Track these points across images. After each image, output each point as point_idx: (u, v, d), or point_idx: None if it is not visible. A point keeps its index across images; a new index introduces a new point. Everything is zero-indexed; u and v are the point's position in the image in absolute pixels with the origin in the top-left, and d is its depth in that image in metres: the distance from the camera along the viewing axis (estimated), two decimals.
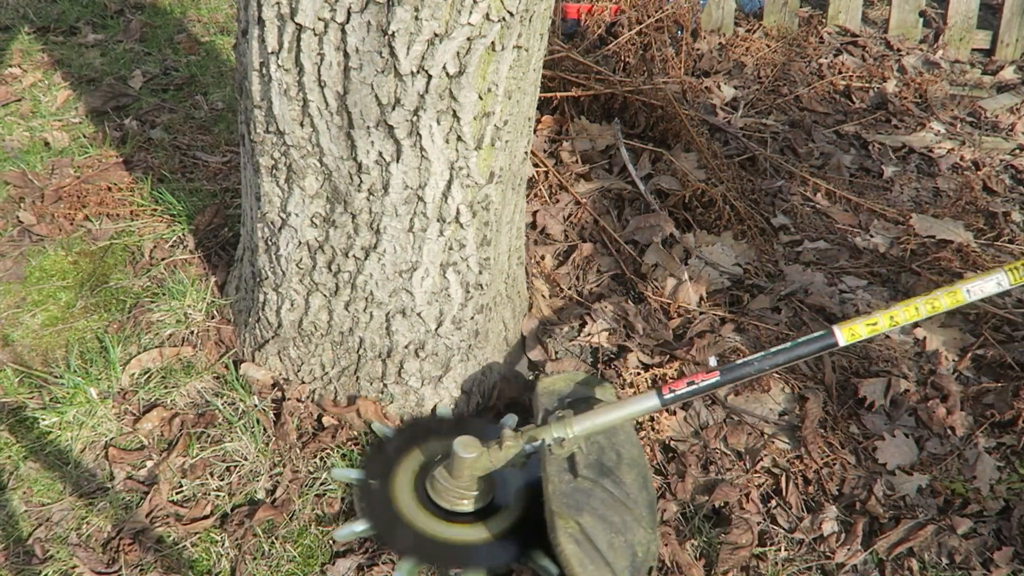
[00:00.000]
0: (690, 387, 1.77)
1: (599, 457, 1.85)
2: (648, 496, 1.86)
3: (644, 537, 1.75)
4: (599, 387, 2.07)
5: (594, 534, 1.69)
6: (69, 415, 2.17)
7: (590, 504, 1.74)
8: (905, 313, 1.69)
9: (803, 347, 1.73)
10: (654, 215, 2.95)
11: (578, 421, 1.81)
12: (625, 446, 1.93)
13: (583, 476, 1.78)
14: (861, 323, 1.70)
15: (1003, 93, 4.23)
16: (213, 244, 2.69)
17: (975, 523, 2.10)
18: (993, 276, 1.64)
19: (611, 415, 1.82)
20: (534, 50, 1.96)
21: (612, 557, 1.68)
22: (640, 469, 1.90)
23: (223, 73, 3.86)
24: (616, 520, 1.74)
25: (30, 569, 1.86)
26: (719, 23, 4.55)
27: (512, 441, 1.81)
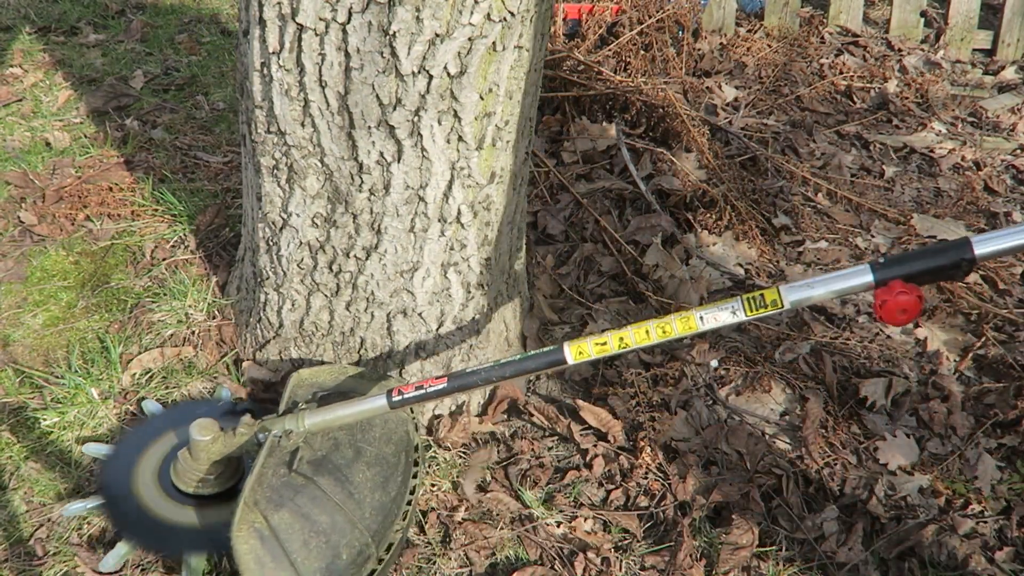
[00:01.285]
0: (418, 391, 1.74)
1: (328, 454, 1.81)
2: (383, 497, 1.81)
3: (357, 540, 1.71)
4: (380, 383, 2.03)
5: (287, 532, 1.65)
6: (70, 415, 2.17)
7: (295, 501, 1.70)
8: (635, 335, 1.61)
9: (531, 361, 1.69)
10: (655, 215, 2.95)
11: (311, 415, 1.79)
12: (375, 443, 1.89)
13: (299, 472, 1.75)
14: (590, 342, 1.64)
15: (1004, 93, 4.23)
16: (214, 244, 2.69)
17: (976, 523, 2.10)
18: (728, 304, 1.57)
19: (342, 411, 1.80)
20: (535, 50, 1.96)
21: (303, 557, 1.64)
22: (383, 469, 1.85)
23: (224, 73, 3.87)
24: (323, 519, 1.70)
25: (31, 569, 1.86)
26: (720, 23, 4.55)
27: (246, 428, 1.81)
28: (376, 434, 1.92)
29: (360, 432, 1.90)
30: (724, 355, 2.47)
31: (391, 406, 1.75)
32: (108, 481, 1.93)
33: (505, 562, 1.97)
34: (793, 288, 1.53)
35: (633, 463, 2.20)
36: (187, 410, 2.11)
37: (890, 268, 1.47)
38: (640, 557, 1.99)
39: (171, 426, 2.04)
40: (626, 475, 2.18)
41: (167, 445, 2.00)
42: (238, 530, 1.64)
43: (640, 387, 2.35)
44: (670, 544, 2.01)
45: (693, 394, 2.37)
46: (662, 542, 2.03)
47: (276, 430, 1.80)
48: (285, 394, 1.96)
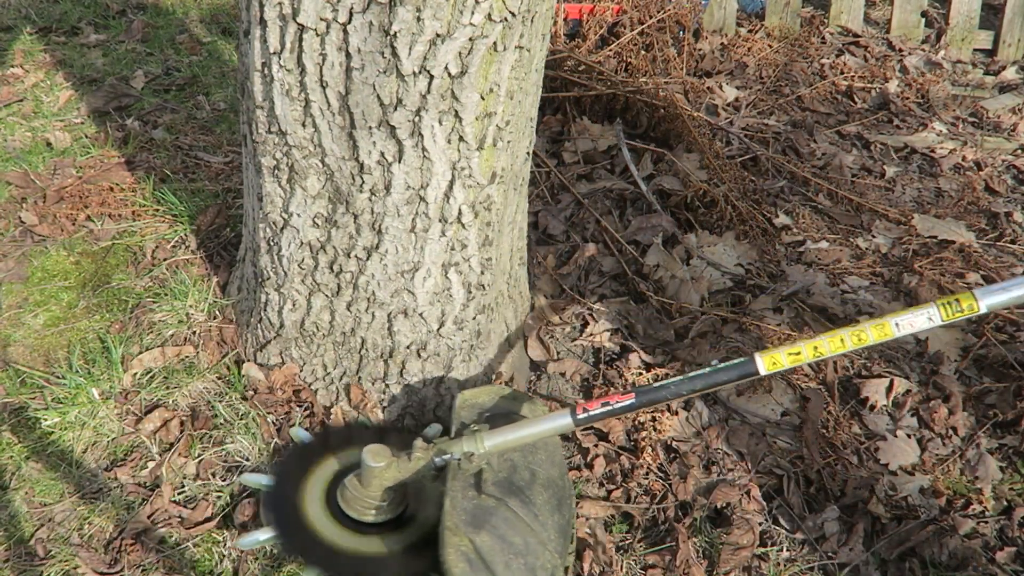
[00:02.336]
0: (604, 408, 1.71)
1: (510, 475, 1.78)
2: (561, 520, 1.79)
3: (548, 560, 1.69)
4: (527, 404, 2.01)
5: (490, 554, 1.63)
6: (71, 415, 2.17)
7: (491, 523, 1.68)
8: (830, 344, 1.62)
9: (722, 374, 1.67)
10: (656, 215, 2.95)
11: (490, 436, 1.75)
12: (543, 466, 1.86)
13: (488, 494, 1.72)
14: (783, 352, 1.64)
15: (1005, 93, 4.23)
16: (215, 244, 2.69)
17: (977, 523, 2.10)
18: (924, 311, 1.57)
19: (524, 431, 1.76)
20: (536, 50, 1.96)
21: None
22: (556, 491, 1.83)
23: (225, 73, 3.87)
24: (518, 541, 1.68)
25: (32, 569, 1.86)
26: (721, 23, 4.55)
27: (422, 453, 1.76)
28: (542, 457, 1.88)
29: (530, 454, 1.86)
30: (725, 355, 2.47)
31: (576, 424, 1.73)
32: (277, 513, 1.86)
33: None
34: (989, 292, 1.54)
35: (634, 463, 2.20)
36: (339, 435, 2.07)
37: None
38: (641, 557, 1.99)
39: (325, 452, 1.99)
40: (627, 475, 2.18)
41: (328, 472, 1.94)
42: (448, 555, 1.62)
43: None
44: (671, 544, 2.01)
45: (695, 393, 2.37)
46: (663, 542, 2.03)
47: (456, 452, 1.75)
48: (454, 416, 1.92)
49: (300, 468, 1.94)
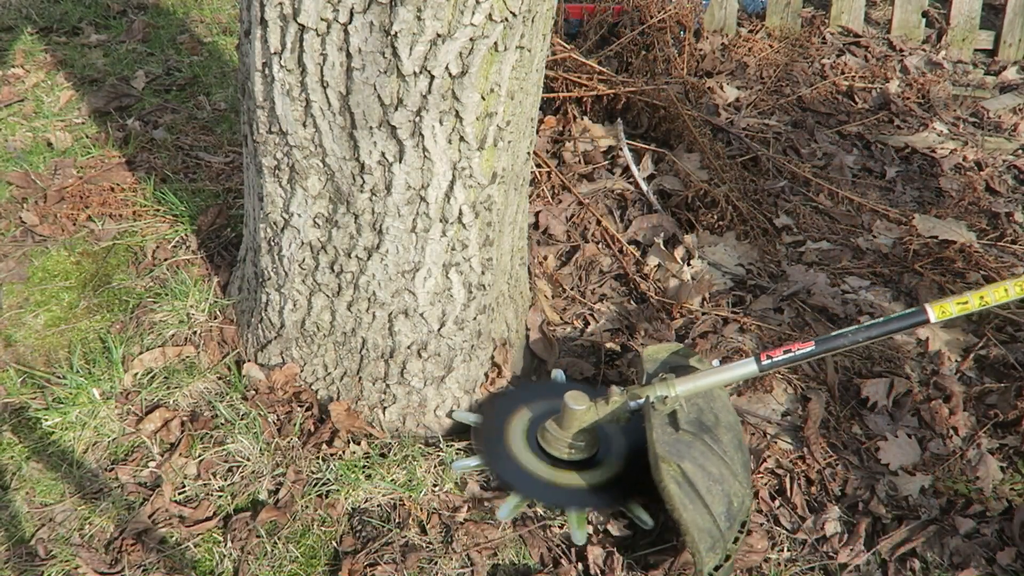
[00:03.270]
0: (787, 355, 1.93)
1: (698, 416, 1.98)
2: (743, 457, 2.00)
3: (739, 490, 1.91)
4: (694, 358, 2.18)
5: (694, 479, 1.84)
6: (72, 415, 2.17)
7: (690, 454, 1.88)
8: (995, 294, 1.83)
9: (896, 323, 1.89)
10: (657, 215, 2.95)
11: (680, 382, 1.96)
12: (722, 411, 2.06)
13: (684, 430, 1.92)
14: (952, 302, 1.86)
15: (1006, 93, 4.23)
16: (216, 245, 2.70)
17: (978, 524, 2.10)
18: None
19: (712, 378, 1.97)
20: (537, 50, 1.96)
21: (710, 500, 1.83)
22: (735, 433, 2.03)
23: (226, 73, 3.87)
24: (714, 471, 1.88)
25: (33, 569, 1.86)
26: (722, 23, 4.55)
27: (618, 396, 2.00)
28: (720, 404, 2.08)
29: (711, 401, 2.06)
30: (726, 355, 2.47)
31: (760, 370, 1.95)
32: (486, 445, 2.15)
33: (507, 563, 1.96)
34: None
35: None
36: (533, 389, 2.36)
37: None
38: (642, 557, 1.99)
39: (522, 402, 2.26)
40: None
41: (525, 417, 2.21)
42: (663, 476, 1.83)
43: None
44: (673, 544, 2.01)
45: None
46: (665, 541, 2.03)
47: (651, 396, 1.95)
48: (640, 368, 2.14)
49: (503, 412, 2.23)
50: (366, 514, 2.03)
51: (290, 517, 2.00)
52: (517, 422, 2.20)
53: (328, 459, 2.12)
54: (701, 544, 1.79)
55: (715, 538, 1.81)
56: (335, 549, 1.97)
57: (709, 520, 1.82)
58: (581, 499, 2.04)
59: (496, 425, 2.19)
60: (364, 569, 1.90)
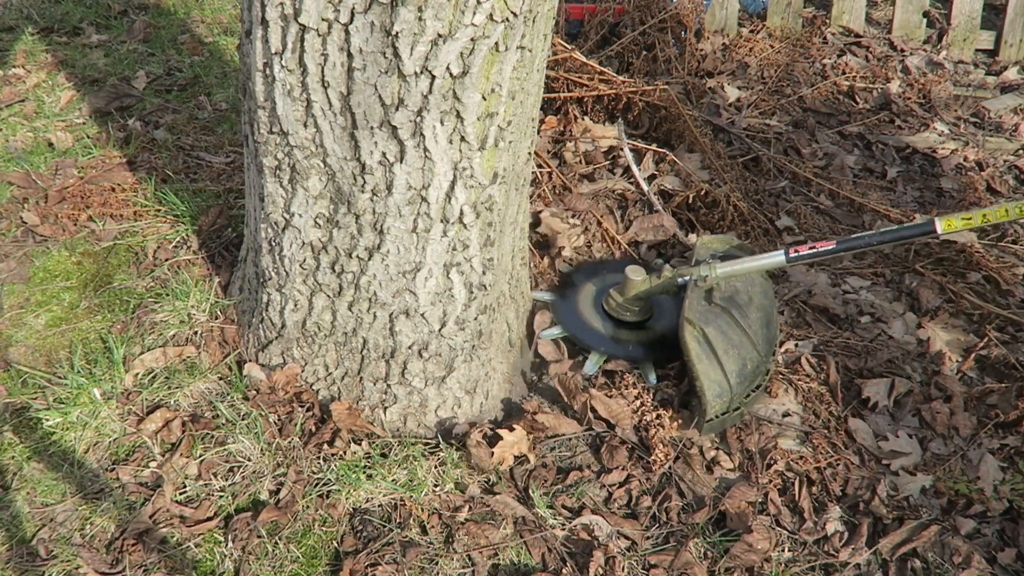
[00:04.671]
0: (811, 250, 2.26)
1: (733, 295, 2.33)
2: (768, 333, 2.35)
3: (755, 356, 2.26)
4: (747, 252, 2.49)
5: (714, 340, 2.20)
6: (73, 416, 2.17)
7: (716, 322, 2.24)
8: (996, 213, 2.07)
9: (907, 231, 2.19)
10: (657, 215, 2.95)
11: (721, 266, 2.33)
12: (758, 296, 2.40)
13: (716, 303, 2.28)
14: (957, 217, 2.11)
15: (1007, 93, 4.23)
16: (217, 245, 2.70)
17: (979, 524, 2.10)
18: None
19: (745, 264, 2.33)
20: (538, 51, 1.96)
21: (724, 360, 2.18)
22: (766, 314, 2.38)
23: (227, 74, 3.87)
24: (735, 338, 2.24)
25: (34, 569, 1.86)
26: (723, 23, 4.55)
27: (668, 272, 2.39)
28: (758, 290, 2.42)
29: (749, 286, 2.40)
30: None
31: (788, 261, 2.30)
32: (563, 316, 2.53)
33: (508, 563, 1.97)
34: None
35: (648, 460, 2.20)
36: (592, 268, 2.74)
37: None
38: (643, 557, 1.99)
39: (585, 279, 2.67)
40: (630, 475, 2.18)
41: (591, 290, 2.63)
42: (685, 333, 2.20)
43: (644, 397, 2.34)
44: (674, 544, 2.01)
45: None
46: (666, 541, 2.03)
47: (693, 275, 2.34)
48: (695, 253, 2.49)
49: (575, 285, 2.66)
50: (367, 514, 2.03)
51: (291, 517, 2.00)
52: (586, 292, 2.62)
53: (329, 459, 2.12)
54: (709, 391, 2.16)
55: (723, 388, 2.17)
56: (336, 549, 1.97)
57: (720, 374, 2.17)
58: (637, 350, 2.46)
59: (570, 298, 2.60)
60: (365, 569, 1.90)
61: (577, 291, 2.62)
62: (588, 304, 2.58)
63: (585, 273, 2.71)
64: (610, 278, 2.63)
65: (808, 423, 2.33)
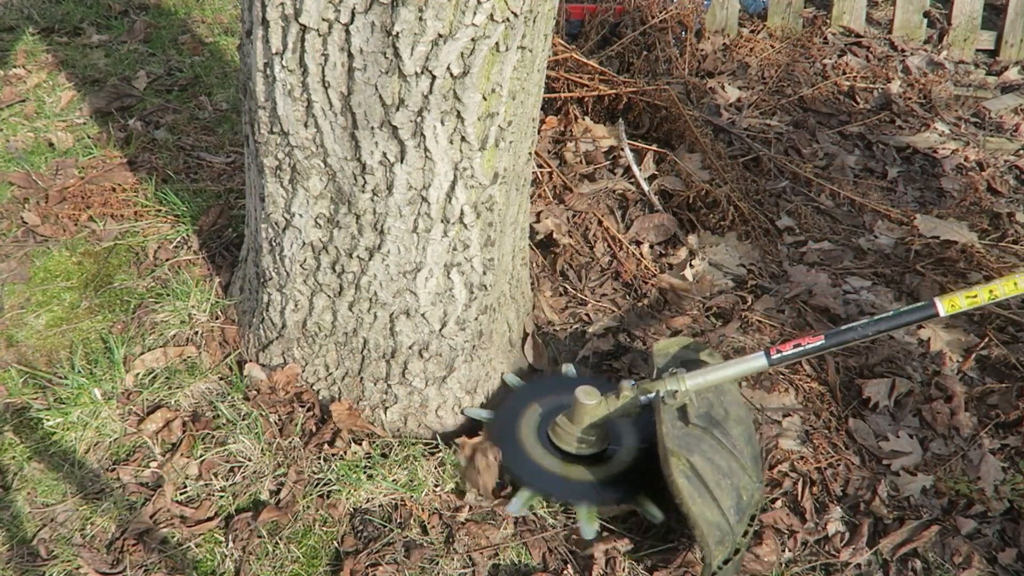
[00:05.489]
0: (796, 349, 1.92)
1: (708, 411, 1.99)
2: (753, 450, 2.01)
3: (748, 484, 1.92)
4: (705, 352, 2.20)
5: (703, 473, 1.85)
6: (73, 416, 2.17)
7: (700, 448, 1.89)
8: (1004, 287, 1.81)
9: (905, 316, 1.87)
10: (658, 216, 2.95)
11: (690, 377, 1.96)
12: (732, 405, 2.07)
13: (694, 424, 1.93)
14: (962, 296, 1.84)
15: (1007, 93, 4.22)
16: (217, 245, 2.70)
17: (979, 524, 2.10)
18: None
19: (722, 372, 1.97)
20: (538, 51, 1.96)
21: (719, 495, 1.84)
22: (746, 427, 2.05)
23: (227, 74, 3.87)
24: (723, 465, 1.90)
25: (34, 569, 1.86)
26: (723, 24, 4.55)
27: (629, 391, 2.00)
28: (730, 398, 2.10)
29: (721, 395, 2.08)
30: (726, 355, 2.47)
31: (770, 364, 1.95)
32: (499, 439, 2.13)
33: (508, 563, 1.96)
34: None
35: None
36: (544, 384, 2.37)
37: None
38: (645, 558, 1.99)
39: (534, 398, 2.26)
40: None
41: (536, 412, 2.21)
42: (672, 470, 1.83)
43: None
44: (674, 544, 2.01)
45: None
46: (668, 541, 2.03)
47: (661, 391, 1.97)
48: (651, 362, 2.16)
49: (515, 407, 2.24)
50: (367, 514, 2.03)
51: (291, 517, 2.00)
52: (528, 417, 2.20)
53: (329, 459, 2.12)
54: (710, 538, 1.78)
55: (724, 532, 1.81)
56: (336, 549, 1.97)
57: (718, 513, 1.82)
58: (591, 494, 2.04)
59: (508, 420, 2.20)
60: (365, 569, 1.90)
61: (521, 411, 2.23)
62: (531, 428, 2.18)
63: (534, 389, 2.33)
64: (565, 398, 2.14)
65: (809, 423, 2.33)
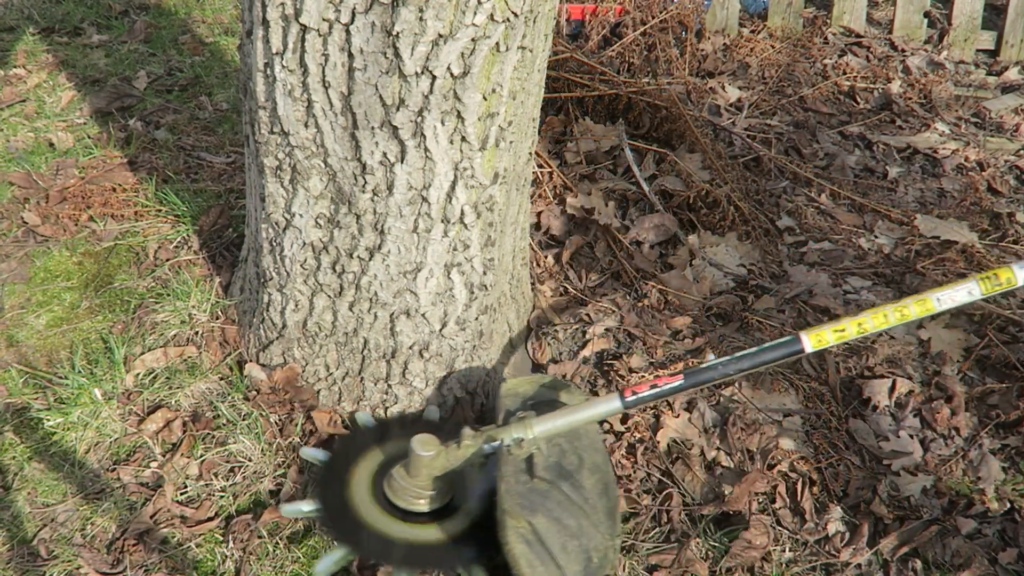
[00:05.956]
0: (653, 390, 1.73)
1: (559, 460, 1.80)
2: (608, 503, 1.81)
3: (600, 543, 1.72)
4: (565, 391, 2.03)
5: (547, 536, 1.66)
6: (74, 416, 2.18)
7: (545, 506, 1.70)
8: (873, 321, 1.64)
9: (768, 353, 1.68)
10: (658, 216, 2.95)
11: (539, 422, 1.76)
12: (588, 451, 1.88)
13: (540, 478, 1.74)
14: (828, 329, 1.66)
15: (1008, 94, 4.22)
16: (217, 245, 2.70)
17: (979, 524, 2.10)
18: (964, 285, 1.59)
19: (572, 417, 1.77)
20: (538, 51, 1.96)
21: (564, 560, 1.65)
22: (602, 475, 1.85)
23: (228, 74, 3.87)
24: (572, 524, 1.71)
25: (35, 569, 1.86)
26: (723, 24, 4.55)
27: (471, 440, 1.77)
28: (586, 443, 1.90)
29: (576, 440, 1.88)
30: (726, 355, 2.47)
31: (625, 407, 1.75)
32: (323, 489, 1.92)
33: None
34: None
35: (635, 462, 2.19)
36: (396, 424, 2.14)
37: None
38: (645, 557, 1.99)
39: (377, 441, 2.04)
40: (630, 476, 2.17)
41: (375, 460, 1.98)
42: (509, 537, 1.64)
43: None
44: (675, 544, 2.01)
45: (697, 394, 2.37)
46: (668, 541, 2.02)
47: (506, 439, 1.75)
48: (499, 404, 1.94)
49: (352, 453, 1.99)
50: None
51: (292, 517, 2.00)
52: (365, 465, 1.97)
53: None
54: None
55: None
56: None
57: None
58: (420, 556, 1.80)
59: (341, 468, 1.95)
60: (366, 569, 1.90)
61: (358, 456, 1.99)
62: (366, 477, 1.93)
63: (378, 432, 2.10)
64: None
65: (809, 423, 2.33)
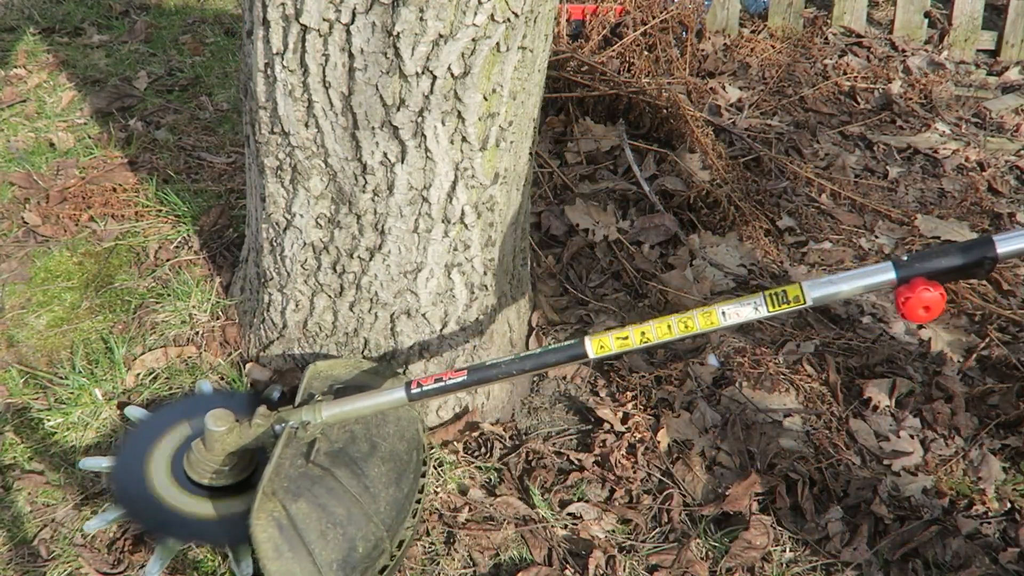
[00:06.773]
0: (437, 384, 1.73)
1: (345, 447, 1.81)
2: (398, 493, 1.81)
3: (373, 533, 1.71)
4: (391, 381, 2.03)
5: (304, 521, 1.66)
6: (74, 416, 2.18)
7: (312, 491, 1.70)
8: (657, 330, 1.62)
9: (551, 355, 1.69)
10: (659, 216, 2.95)
11: (328, 407, 1.77)
12: (389, 439, 1.88)
13: (315, 463, 1.75)
14: (612, 336, 1.65)
15: (1008, 94, 4.22)
16: (218, 245, 2.70)
17: (980, 524, 2.10)
18: (751, 300, 1.56)
19: (360, 403, 1.77)
20: (539, 51, 1.96)
21: (320, 547, 1.64)
22: (397, 465, 1.85)
23: (228, 74, 3.87)
24: (340, 512, 1.70)
25: (35, 570, 1.86)
26: (724, 24, 4.55)
27: (262, 420, 1.79)
28: (390, 430, 1.92)
29: (375, 427, 1.89)
30: (729, 355, 2.47)
31: (410, 399, 1.74)
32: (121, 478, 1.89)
33: (509, 563, 1.97)
34: (816, 284, 1.53)
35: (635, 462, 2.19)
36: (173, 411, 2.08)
37: (913, 265, 1.47)
38: (645, 557, 1.99)
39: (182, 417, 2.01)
40: (630, 476, 2.18)
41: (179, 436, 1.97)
42: (257, 518, 1.64)
43: (638, 389, 2.35)
44: (675, 544, 2.01)
45: (697, 394, 2.37)
46: (668, 541, 2.03)
47: (293, 421, 1.76)
48: (301, 385, 1.94)
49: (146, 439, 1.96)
50: None
51: None
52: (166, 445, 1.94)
53: None
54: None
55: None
56: None
57: (310, 570, 1.63)
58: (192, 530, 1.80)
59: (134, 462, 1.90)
60: None
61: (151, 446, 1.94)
62: (165, 459, 1.91)
63: (161, 419, 2.03)
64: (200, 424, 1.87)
65: (809, 423, 2.33)
